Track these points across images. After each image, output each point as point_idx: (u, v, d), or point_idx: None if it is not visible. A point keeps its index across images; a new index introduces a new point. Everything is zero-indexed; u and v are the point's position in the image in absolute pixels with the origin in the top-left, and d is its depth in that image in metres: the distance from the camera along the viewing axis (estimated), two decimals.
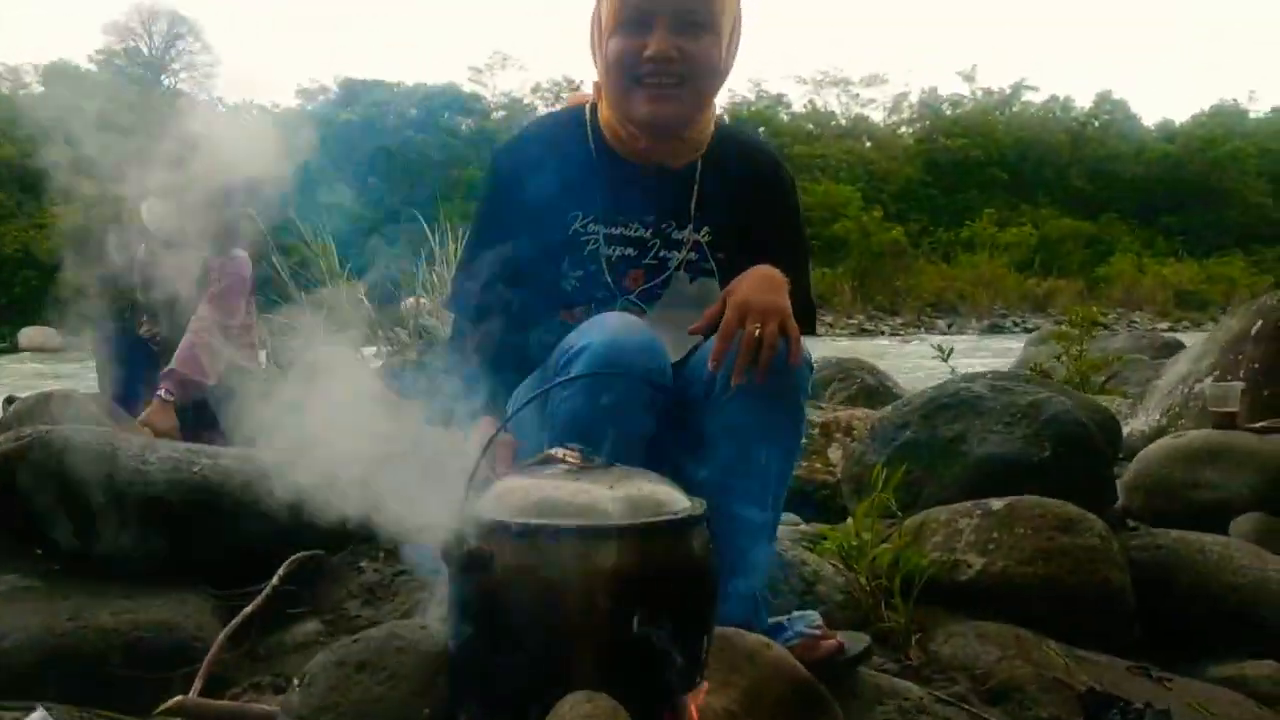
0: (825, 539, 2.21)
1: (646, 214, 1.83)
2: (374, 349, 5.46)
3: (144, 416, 3.38)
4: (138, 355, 3.71)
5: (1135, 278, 40.78)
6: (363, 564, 2.41)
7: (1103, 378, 5.27)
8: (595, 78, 1.86)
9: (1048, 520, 2.03)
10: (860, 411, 2.94)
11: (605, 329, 1.61)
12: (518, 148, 1.88)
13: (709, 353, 1.64)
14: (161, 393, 3.43)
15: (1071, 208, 45.80)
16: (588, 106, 1.88)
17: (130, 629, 1.81)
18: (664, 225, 1.84)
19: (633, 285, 1.83)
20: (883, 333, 34.76)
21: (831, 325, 35.07)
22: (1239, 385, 2.79)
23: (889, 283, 37.86)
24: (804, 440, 1.70)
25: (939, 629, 1.95)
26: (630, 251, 1.83)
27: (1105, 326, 34.34)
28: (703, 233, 1.85)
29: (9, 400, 8.00)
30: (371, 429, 2.49)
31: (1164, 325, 35.30)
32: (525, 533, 1.09)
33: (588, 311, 1.80)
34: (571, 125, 1.86)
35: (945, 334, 34.39)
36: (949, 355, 5.03)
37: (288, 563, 2.06)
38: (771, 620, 1.72)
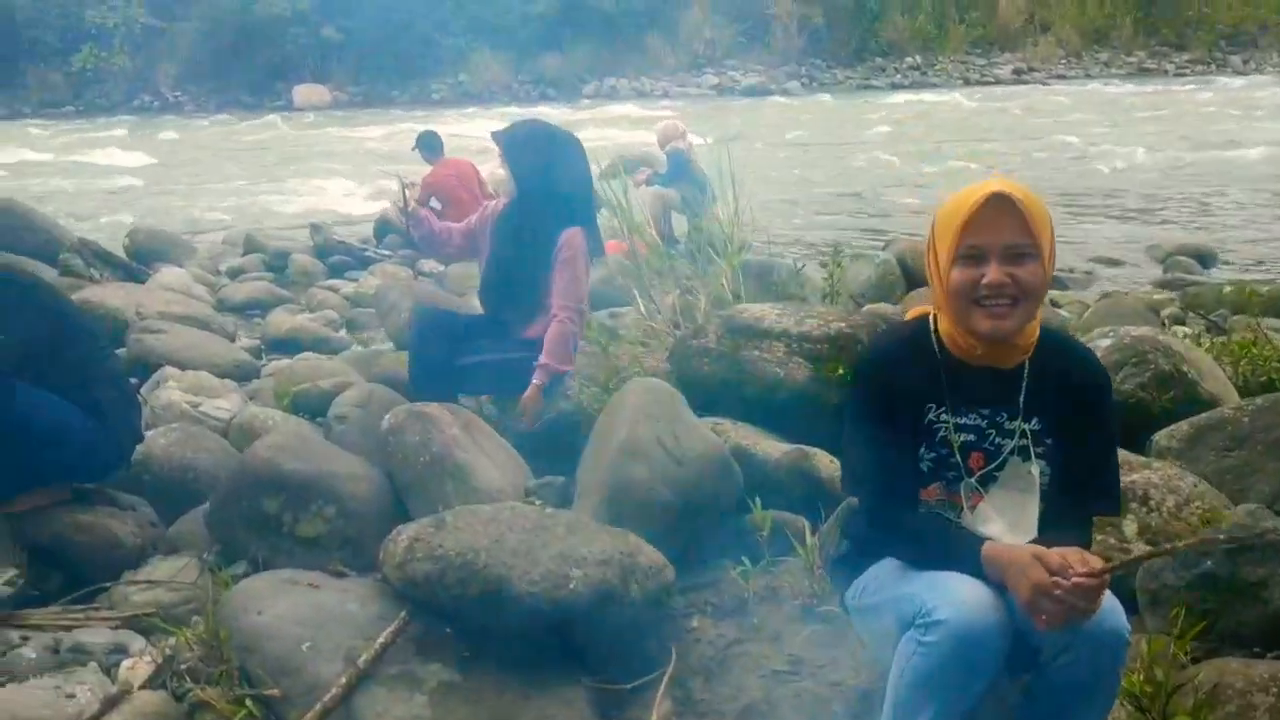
0: None
1: (982, 406, 2.14)
2: None
3: (522, 403, 3.75)
4: (449, 332, 3.93)
5: None
6: (694, 624, 2.83)
7: None
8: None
9: None
10: (1158, 475, 3.01)
11: (963, 604, 1.88)
12: (879, 354, 2.28)
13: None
14: (536, 381, 3.76)
15: None
16: (930, 317, 2.19)
17: None
18: (998, 417, 2.14)
19: (975, 466, 2.14)
20: (1166, 71, 31.59)
21: (1107, 65, 32.17)
22: None
23: (1178, 12, 33.91)
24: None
25: None
26: (971, 437, 2.14)
27: None
28: (1032, 422, 2.13)
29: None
30: None
31: None
32: None
33: (941, 489, 2.14)
34: (919, 334, 2.19)
35: (1240, 73, 30.89)
36: None
37: (669, 673, 2.50)
38: None
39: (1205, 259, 8.36)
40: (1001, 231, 2.00)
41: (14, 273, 3.34)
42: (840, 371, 3.53)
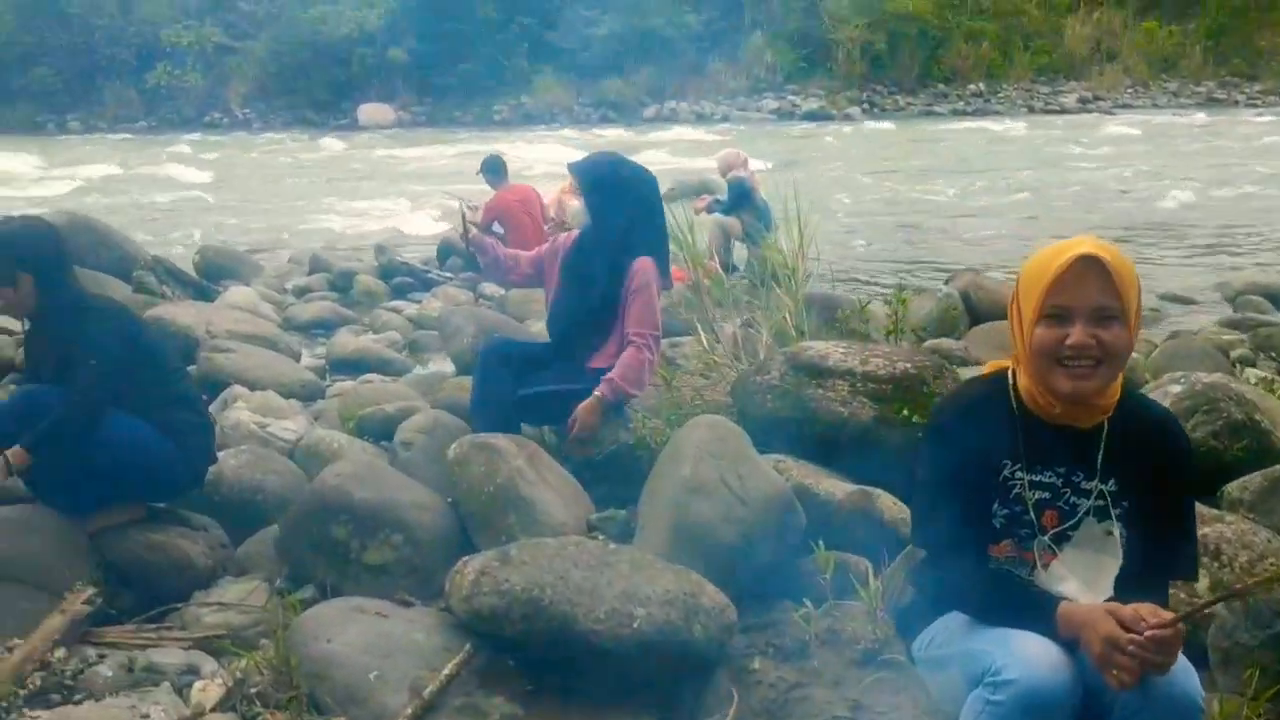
0: None
1: (1059, 465, 2.13)
2: None
3: (577, 412, 3.75)
4: (514, 364, 3.90)
5: None
6: (755, 665, 2.82)
7: None
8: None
9: None
10: (1230, 529, 2.96)
11: (1033, 663, 1.87)
12: (956, 408, 2.25)
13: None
14: (599, 393, 3.76)
15: None
16: (1010, 372, 2.18)
17: None
18: (1074, 476, 2.13)
19: (1048, 524, 2.13)
20: (1236, 102, 31.01)
21: (1175, 94, 31.68)
22: None
23: (1249, 41, 33.28)
24: None
25: None
26: (1046, 495, 2.13)
27: None
28: (1109, 483, 2.12)
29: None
30: None
31: None
32: None
33: (1012, 545, 2.13)
34: (997, 390, 2.18)
35: None
36: None
37: (731, 715, 2.50)
38: None
39: (1277, 298, 8.15)
40: (1089, 293, 1.99)
41: (104, 300, 3.45)
42: (905, 412, 3.52)
